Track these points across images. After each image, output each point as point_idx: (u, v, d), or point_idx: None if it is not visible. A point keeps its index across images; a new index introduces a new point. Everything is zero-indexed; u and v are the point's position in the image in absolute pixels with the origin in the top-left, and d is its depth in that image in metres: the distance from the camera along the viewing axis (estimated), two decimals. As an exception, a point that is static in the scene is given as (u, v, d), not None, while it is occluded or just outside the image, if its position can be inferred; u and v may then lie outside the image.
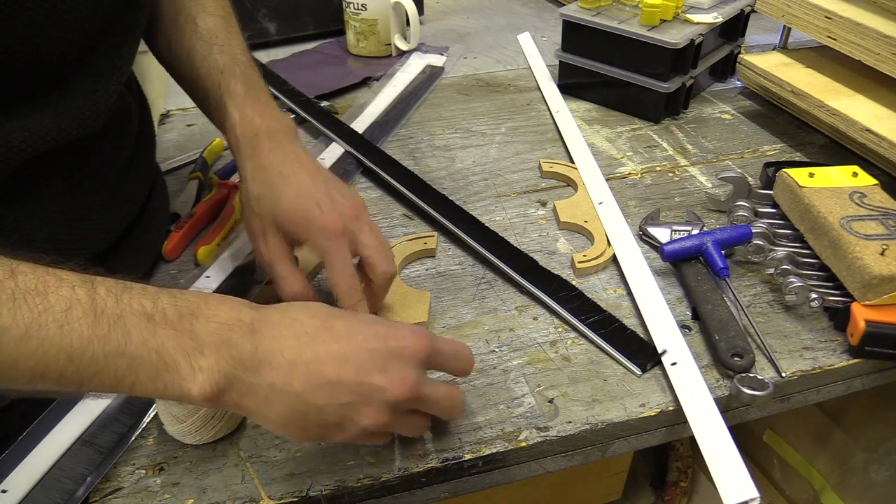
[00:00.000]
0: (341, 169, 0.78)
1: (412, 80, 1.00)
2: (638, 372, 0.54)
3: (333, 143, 0.83)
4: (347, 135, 0.83)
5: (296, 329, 0.41)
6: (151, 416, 0.50)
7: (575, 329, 0.58)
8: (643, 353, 0.55)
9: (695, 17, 0.88)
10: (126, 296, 0.38)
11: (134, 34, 0.55)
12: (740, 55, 0.94)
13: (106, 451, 0.47)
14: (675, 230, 0.67)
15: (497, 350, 0.56)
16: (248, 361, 0.39)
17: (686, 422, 0.50)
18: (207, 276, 0.62)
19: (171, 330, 0.38)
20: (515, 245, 0.66)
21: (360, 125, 0.87)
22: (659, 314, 0.57)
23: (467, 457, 0.48)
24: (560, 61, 0.96)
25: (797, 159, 0.83)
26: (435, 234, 0.68)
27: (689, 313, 0.60)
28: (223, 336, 0.39)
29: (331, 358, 0.40)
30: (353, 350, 0.41)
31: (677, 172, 0.80)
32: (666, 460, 1.23)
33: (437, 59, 1.07)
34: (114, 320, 0.36)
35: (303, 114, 0.88)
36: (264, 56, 1.03)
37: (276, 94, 0.92)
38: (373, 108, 0.91)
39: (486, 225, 0.69)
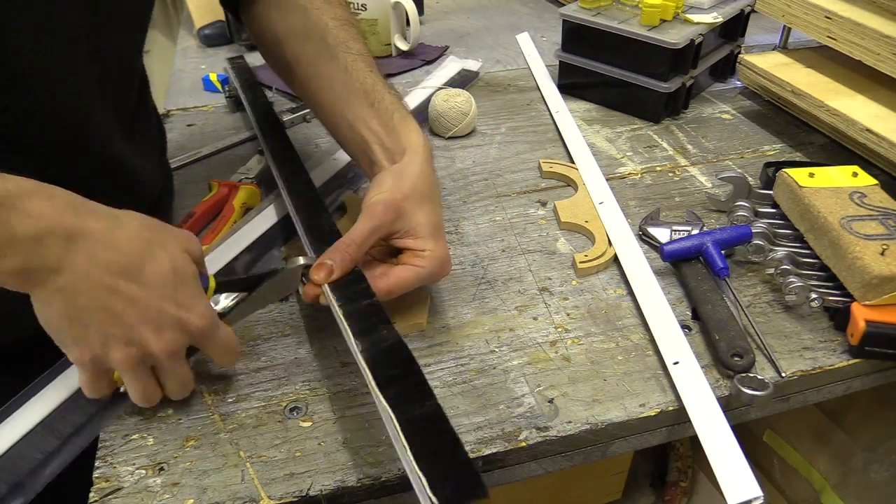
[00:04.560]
0: (350, 172, 0.78)
1: (444, 83, 0.98)
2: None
3: (340, 150, 0.82)
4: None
5: (109, 255, 0.43)
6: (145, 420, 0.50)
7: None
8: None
9: (695, 17, 0.88)
10: None
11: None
12: (740, 55, 0.94)
13: (66, 438, 0.48)
14: (675, 230, 0.67)
15: (497, 350, 0.56)
16: (52, 266, 0.42)
17: (686, 422, 0.50)
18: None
19: None
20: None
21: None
22: (661, 314, 0.57)
23: (467, 457, 0.48)
24: (560, 61, 0.96)
25: (797, 159, 0.83)
26: None
27: (689, 313, 0.60)
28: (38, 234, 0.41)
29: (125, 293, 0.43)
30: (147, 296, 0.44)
31: (677, 172, 0.80)
32: (666, 460, 1.23)
33: (473, 65, 1.05)
34: None
35: (306, 115, 0.88)
36: (264, 56, 1.03)
37: (277, 94, 0.92)
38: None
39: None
